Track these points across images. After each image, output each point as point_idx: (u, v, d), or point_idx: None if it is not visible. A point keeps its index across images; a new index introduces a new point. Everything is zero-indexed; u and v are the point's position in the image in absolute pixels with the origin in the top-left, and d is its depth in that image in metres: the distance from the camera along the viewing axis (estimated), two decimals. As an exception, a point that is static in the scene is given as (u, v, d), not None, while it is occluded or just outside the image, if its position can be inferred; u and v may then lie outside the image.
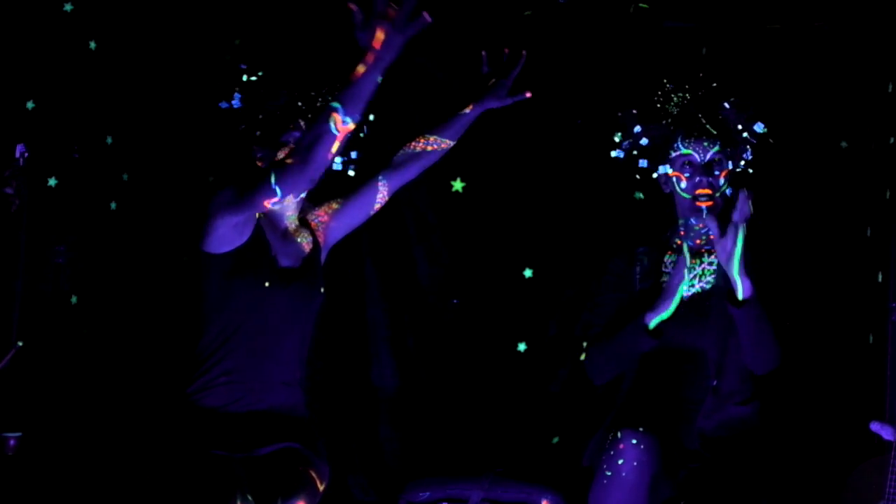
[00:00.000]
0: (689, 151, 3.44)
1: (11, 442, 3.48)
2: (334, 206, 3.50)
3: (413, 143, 3.50)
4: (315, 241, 3.44)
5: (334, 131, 2.97)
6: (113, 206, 4.05)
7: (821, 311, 4.07)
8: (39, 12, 3.88)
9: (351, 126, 2.97)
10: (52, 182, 3.85)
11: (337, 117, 2.96)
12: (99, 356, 3.99)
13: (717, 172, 3.43)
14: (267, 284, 3.28)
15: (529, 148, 4.30)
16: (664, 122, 3.46)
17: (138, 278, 4.08)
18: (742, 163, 3.50)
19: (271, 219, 3.35)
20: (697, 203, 3.43)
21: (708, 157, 3.43)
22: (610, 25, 4.22)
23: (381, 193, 3.49)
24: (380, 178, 3.48)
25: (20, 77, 3.84)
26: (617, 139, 3.55)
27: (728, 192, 3.48)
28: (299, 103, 3.36)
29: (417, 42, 4.27)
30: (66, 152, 3.90)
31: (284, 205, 3.29)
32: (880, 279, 3.95)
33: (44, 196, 3.80)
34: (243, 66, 3.38)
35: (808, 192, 4.18)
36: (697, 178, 3.43)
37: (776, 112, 3.86)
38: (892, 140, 4.03)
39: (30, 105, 3.84)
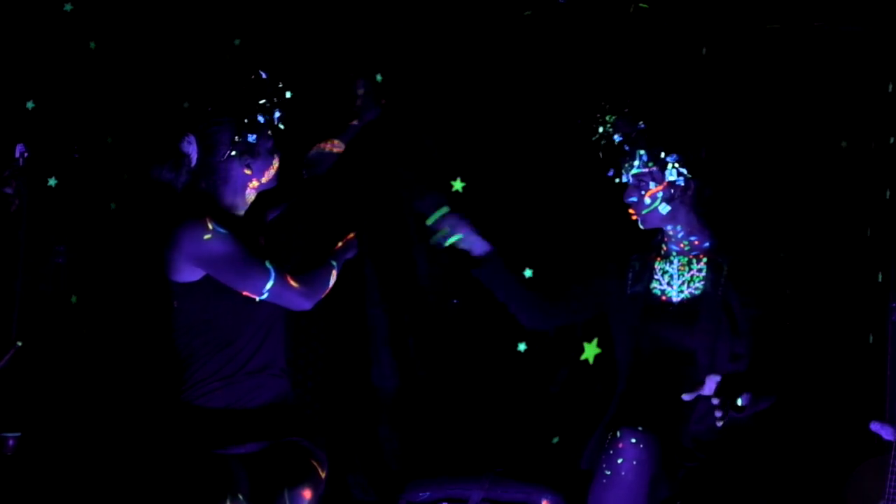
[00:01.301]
0: (622, 173, 3.53)
1: (10, 442, 3.48)
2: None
3: (324, 144, 3.80)
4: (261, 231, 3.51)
5: (330, 283, 3.45)
6: (113, 206, 4.05)
7: (821, 311, 4.07)
8: (39, 12, 3.88)
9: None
10: (52, 182, 3.85)
11: (334, 273, 3.47)
12: (99, 356, 3.98)
13: (642, 192, 3.49)
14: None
15: (529, 148, 4.30)
16: (610, 143, 3.54)
17: (138, 278, 4.08)
18: (679, 179, 3.49)
19: (230, 221, 3.40)
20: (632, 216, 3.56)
21: (629, 178, 3.50)
22: (610, 25, 4.22)
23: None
24: (304, 172, 3.79)
25: (20, 77, 3.84)
26: (618, 138, 3.57)
27: (662, 209, 3.49)
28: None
29: (417, 42, 4.30)
30: (66, 152, 3.90)
31: (238, 207, 3.42)
32: (880, 279, 3.95)
33: (44, 196, 3.80)
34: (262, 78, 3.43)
35: (808, 192, 4.18)
36: (625, 198, 3.52)
37: (776, 112, 3.88)
38: (892, 140, 4.03)
39: (30, 105, 3.84)
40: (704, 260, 3.51)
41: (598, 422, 3.56)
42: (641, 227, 3.54)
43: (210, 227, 3.26)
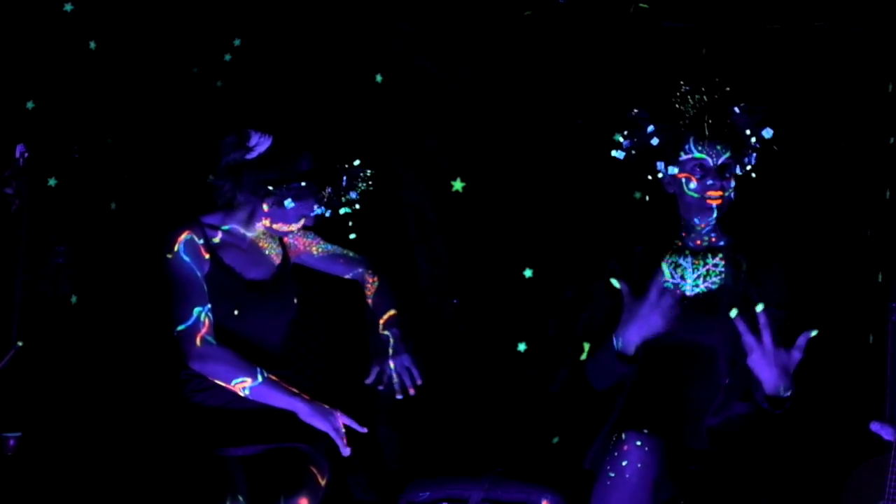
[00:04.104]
0: (703, 156, 3.45)
1: (11, 442, 3.48)
2: (314, 249, 3.66)
3: (370, 284, 3.76)
4: (285, 256, 3.50)
5: (233, 387, 3.25)
6: (113, 206, 4.04)
7: (821, 311, 4.07)
8: (39, 12, 3.87)
9: (245, 394, 3.25)
10: (52, 182, 3.85)
11: (248, 383, 3.24)
12: (99, 356, 3.98)
13: (727, 175, 3.45)
14: (236, 312, 3.33)
15: (529, 148, 4.30)
16: (679, 123, 3.46)
17: (138, 278, 4.08)
18: (748, 167, 3.51)
19: (233, 234, 3.40)
20: (707, 202, 3.44)
21: (720, 161, 3.44)
22: (610, 25, 4.22)
23: (351, 274, 3.76)
24: (359, 269, 3.75)
25: (20, 77, 3.83)
26: (619, 139, 3.56)
27: (732, 196, 3.48)
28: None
29: (418, 42, 4.30)
30: (66, 152, 3.89)
31: (247, 229, 3.43)
32: (880, 279, 3.95)
33: (44, 196, 3.80)
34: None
35: (808, 192, 4.18)
36: (709, 181, 3.44)
37: (776, 112, 3.87)
38: (892, 140, 4.03)
39: (30, 105, 3.84)
40: (720, 255, 3.50)
41: (598, 421, 3.55)
42: (716, 214, 3.48)
43: (177, 248, 3.31)
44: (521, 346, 4.30)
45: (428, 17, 4.27)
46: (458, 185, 4.31)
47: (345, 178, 3.48)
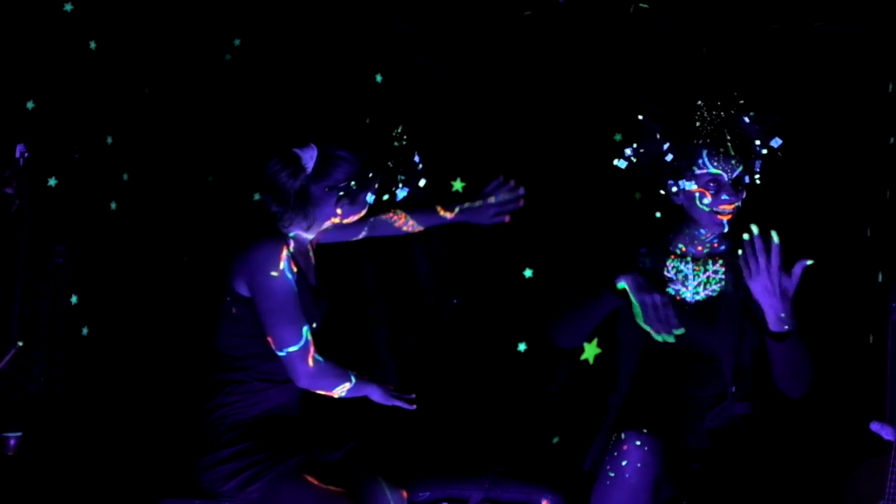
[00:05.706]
0: (719, 171, 3.43)
1: (11, 442, 3.48)
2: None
3: (394, 216, 3.75)
4: (315, 251, 3.52)
5: (335, 389, 3.36)
6: (113, 206, 4.04)
7: (821, 311, 4.07)
8: (39, 12, 3.87)
9: (341, 395, 3.37)
10: (52, 182, 3.84)
11: (346, 387, 3.37)
12: (99, 356, 3.98)
13: (740, 188, 3.45)
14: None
15: (529, 148, 4.30)
16: (696, 141, 3.44)
17: (138, 278, 4.08)
18: (755, 176, 3.51)
19: (298, 241, 3.42)
20: (718, 217, 3.44)
21: (735, 175, 3.43)
22: (610, 25, 4.22)
23: (362, 235, 3.76)
24: (369, 222, 3.72)
25: (20, 77, 3.83)
26: (619, 138, 3.55)
27: (740, 205, 3.48)
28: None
29: (418, 42, 4.30)
30: (66, 152, 3.89)
31: (306, 235, 3.42)
32: (880, 279, 3.95)
33: (44, 196, 3.79)
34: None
35: (808, 192, 4.18)
36: (724, 196, 3.43)
37: (776, 112, 3.87)
38: (892, 140, 4.03)
39: (30, 105, 3.83)
40: (720, 262, 3.50)
41: (598, 422, 3.56)
42: (726, 229, 3.48)
43: (282, 266, 3.27)
44: (521, 346, 4.30)
45: (428, 17, 4.27)
46: (458, 185, 4.31)
47: (405, 152, 3.45)
